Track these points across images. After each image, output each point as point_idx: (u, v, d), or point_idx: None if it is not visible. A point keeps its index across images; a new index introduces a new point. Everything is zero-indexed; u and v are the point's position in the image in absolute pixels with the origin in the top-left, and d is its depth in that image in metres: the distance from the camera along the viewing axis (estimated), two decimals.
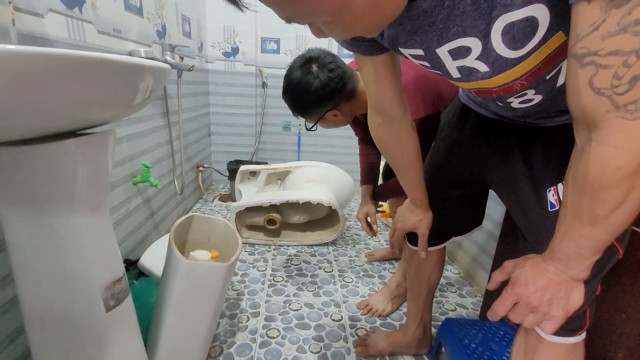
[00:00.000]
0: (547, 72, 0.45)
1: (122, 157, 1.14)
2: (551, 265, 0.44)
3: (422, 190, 0.74)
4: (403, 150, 0.70)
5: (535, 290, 0.43)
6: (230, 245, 0.89)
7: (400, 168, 0.73)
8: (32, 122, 0.40)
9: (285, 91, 0.98)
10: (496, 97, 0.53)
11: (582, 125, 0.37)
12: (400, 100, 0.64)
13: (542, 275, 0.44)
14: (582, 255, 0.41)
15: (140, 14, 1.22)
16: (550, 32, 0.39)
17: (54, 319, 0.55)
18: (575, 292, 0.43)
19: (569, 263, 0.42)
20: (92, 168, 0.53)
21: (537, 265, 0.45)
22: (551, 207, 0.53)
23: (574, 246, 0.41)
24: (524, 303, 0.44)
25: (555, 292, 0.43)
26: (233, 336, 1.00)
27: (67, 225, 0.51)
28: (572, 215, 0.40)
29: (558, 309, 0.43)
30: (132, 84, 0.48)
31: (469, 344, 0.83)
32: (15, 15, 0.67)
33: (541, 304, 0.43)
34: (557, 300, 0.43)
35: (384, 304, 1.15)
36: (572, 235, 0.40)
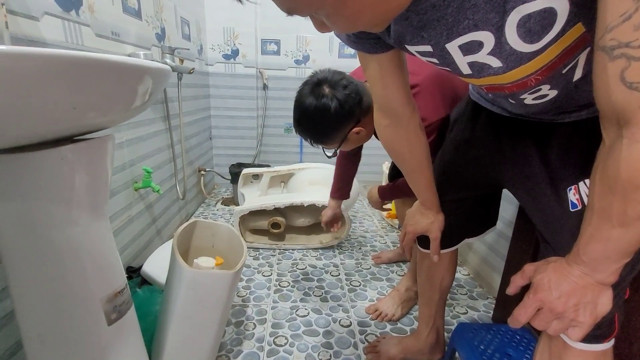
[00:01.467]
0: (563, 66, 0.42)
1: (122, 163, 1.11)
2: (576, 268, 0.41)
3: (432, 192, 0.71)
4: (412, 152, 0.67)
5: (559, 295, 0.41)
6: (235, 251, 0.87)
7: (409, 170, 0.71)
8: (24, 128, 0.38)
9: (299, 122, 0.88)
10: (508, 93, 0.50)
11: (611, 122, 0.34)
12: (407, 99, 0.61)
13: (566, 279, 0.41)
14: (611, 258, 0.38)
15: (138, 16, 1.20)
16: (569, 24, 0.36)
17: (53, 334, 0.52)
18: (603, 297, 0.40)
19: (595, 267, 0.39)
20: (91, 175, 0.50)
21: (560, 269, 0.42)
22: (572, 207, 0.51)
23: (602, 249, 0.38)
24: (548, 309, 0.42)
25: (581, 297, 0.40)
26: (240, 344, 0.98)
27: (65, 236, 0.48)
28: (600, 217, 0.37)
29: (585, 315, 0.40)
30: (131, 86, 0.45)
31: (484, 349, 0.80)
32: (10, 18, 0.65)
33: (567, 310, 0.41)
34: (583, 305, 0.40)
35: (393, 309, 1.12)
36: (600, 238, 0.38)
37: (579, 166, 0.50)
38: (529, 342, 0.83)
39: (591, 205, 0.38)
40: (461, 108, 0.74)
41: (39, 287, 0.49)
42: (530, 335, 0.85)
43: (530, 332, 0.87)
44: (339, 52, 2.31)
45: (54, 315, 0.51)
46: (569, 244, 0.42)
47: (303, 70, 2.32)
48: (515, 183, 0.63)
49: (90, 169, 0.50)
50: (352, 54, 2.30)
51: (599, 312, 0.41)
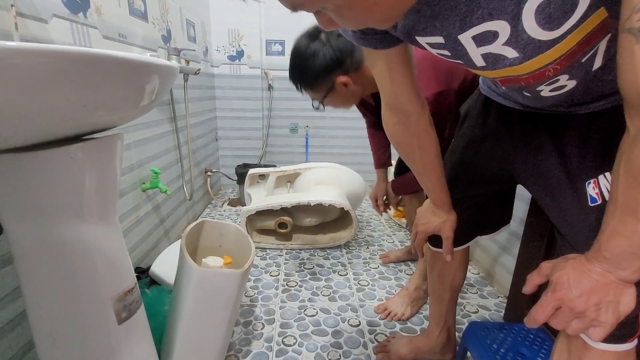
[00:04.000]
0: (583, 55, 0.41)
1: (130, 164, 1.12)
2: (597, 265, 0.39)
3: (443, 190, 0.70)
4: (422, 149, 0.65)
5: (580, 293, 0.39)
6: (243, 251, 0.86)
7: (419, 168, 0.69)
8: (34, 126, 0.38)
9: (291, 65, 0.93)
10: (524, 85, 0.48)
11: (637, 109, 0.33)
12: (416, 95, 0.60)
13: (586, 277, 0.40)
14: (636, 254, 0.37)
15: (145, 18, 1.21)
16: (591, 9, 0.34)
17: (64, 333, 0.52)
18: (625, 295, 0.39)
19: (618, 263, 0.38)
20: (100, 174, 0.50)
21: (580, 266, 0.41)
22: (592, 202, 0.49)
23: (626, 244, 0.36)
24: (567, 308, 0.40)
25: (603, 295, 0.39)
26: (248, 344, 0.97)
27: (75, 236, 0.48)
28: (624, 210, 0.35)
29: (607, 314, 0.39)
30: (140, 83, 0.45)
31: (497, 349, 0.79)
32: (19, 20, 0.66)
33: (588, 309, 0.39)
34: (605, 304, 0.39)
35: (403, 308, 1.10)
36: (624, 232, 0.36)
37: (598, 159, 0.48)
38: (543, 340, 0.81)
39: (614, 198, 0.37)
40: (471, 102, 0.72)
41: (50, 286, 0.49)
42: (544, 334, 0.84)
43: (544, 330, 0.85)
44: None
45: (65, 315, 0.51)
46: (589, 240, 0.41)
47: None
48: (529, 178, 0.62)
49: (100, 167, 0.50)
50: None
51: (622, 312, 0.39)
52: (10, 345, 0.65)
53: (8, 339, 0.65)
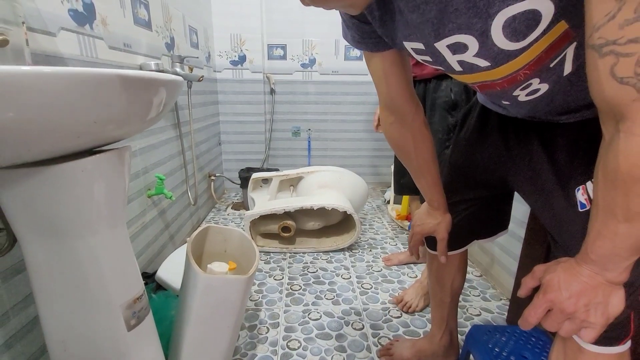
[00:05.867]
0: (550, 60, 0.43)
1: (136, 171, 1.14)
2: (585, 268, 0.40)
3: (439, 191, 0.71)
4: (417, 150, 0.68)
5: (569, 295, 0.40)
6: (247, 255, 0.88)
7: (414, 169, 0.71)
8: (48, 143, 0.39)
9: None
10: (499, 90, 0.50)
11: (608, 117, 0.35)
12: (411, 97, 0.63)
13: (576, 279, 0.41)
14: (620, 255, 0.38)
15: (149, 27, 1.23)
16: (553, 23, 0.38)
17: (75, 339, 0.54)
18: (614, 297, 0.40)
19: (605, 265, 0.39)
20: (110, 185, 0.52)
21: (570, 269, 0.42)
22: (581, 207, 0.50)
23: (610, 246, 0.38)
24: (558, 310, 0.41)
25: (592, 297, 0.40)
26: (253, 348, 0.99)
27: (86, 246, 0.50)
28: (605, 213, 0.37)
29: (596, 315, 0.40)
30: (147, 98, 0.47)
31: (499, 352, 0.79)
32: (29, 35, 0.68)
33: (577, 310, 0.40)
34: (594, 306, 0.40)
35: (416, 300, 1.16)
36: (607, 234, 0.37)
37: (586, 166, 0.49)
38: (544, 344, 0.82)
39: (596, 202, 0.38)
40: (469, 111, 0.74)
41: (62, 295, 0.51)
42: (546, 337, 0.84)
43: (546, 334, 0.85)
44: (345, 55, 2.32)
45: (77, 322, 0.53)
46: (580, 245, 0.42)
47: (309, 73, 2.34)
48: (523, 184, 0.63)
49: (109, 179, 0.51)
50: (359, 56, 2.31)
51: (611, 313, 0.40)
52: (24, 351, 0.67)
53: (21, 345, 0.67)
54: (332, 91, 2.39)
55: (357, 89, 2.38)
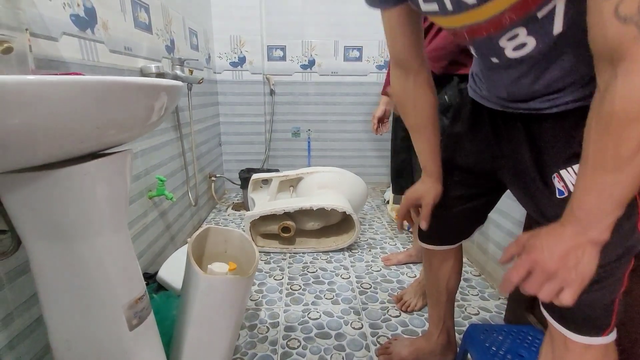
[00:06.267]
0: (537, 8, 0.43)
1: (137, 172, 1.15)
2: (569, 228, 0.41)
3: (433, 158, 0.72)
4: (415, 106, 0.69)
5: (551, 255, 0.41)
6: (247, 256, 0.89)
7: (412, 127, 0.72)
8: (52, 148, 0.41)
9: None
10: (487, 39, 0.50)
11: (605, 62, 0.36)
12: (416, 53, 0.64)
13: (559, 240, 0.42)
14: (604, 210, 0.39)
15: (149, 30, 1.24)
16: None
17: (79, 339, 0.55)
18: (594, 257, 0.41)
19: (589, 221, 0.40)
20: (112, 188, 0.53)
21: (553, 231, 0.43)
22: (559, 194, 0.52)
23: (596, 200, 0.39)
24: (540, 269, 0.42)
25: (573, 256, 0.41)
26: (254, 347, 1.00)
27: (89, 247, 0.51)
28: (594, 165, 0.38)
29: (577, 273, 0.41)
30: (148, 104, 0.48)
31: (496, 351, 0.80)
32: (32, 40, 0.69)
33: (559, 269, 0.41)
34: (575, 264, 0.41)
35: (415, 299, 1.17)
36: (594, 188, 0.39)
37: (564, 154, 0.51)
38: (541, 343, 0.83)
39: (585, 156, 0.39)
40: (460, 106, 0.75)
41: (66, 296, 0.52)
42: (542, 335, 0.85)
43: (543, 332, 0.86)
44: (344, 56, 2.33)
45: (80, 322, 0.54)
46: None
47: (309, 74, 2.35)
48: (509, 174, 0.64)
49: (111, 182, 0.53)
50: (357, 57, 2.32)
51: (589, 271, 0.41)
52: (28, 350, 0.69)
53: (25, 345, 0.68)
54: (332, 92, 2.40)
55: (356, 89, 2.39)
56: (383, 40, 2.29)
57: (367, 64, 2.34)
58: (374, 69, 2.35)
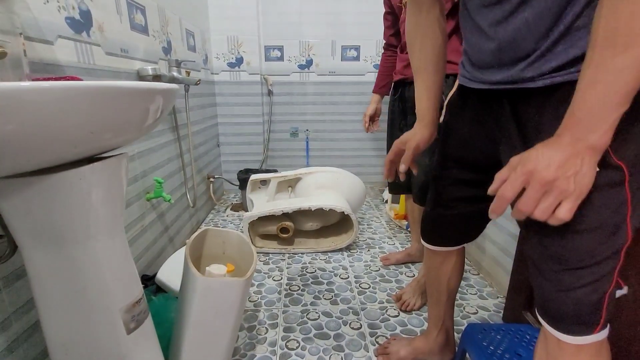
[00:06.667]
0: None
1: (134, 175, 1.15)
2: (567, 135, 0.40)
3: (427, 99, 0.71)
4: (422, 47, 0.68)
5: (549, 163, 0.39)
6: (245, 257, 0.89)
7: (415, 69, 0.71)
8: (46, 154, 0.41)
9: None
10: None
11: None
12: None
13: (556, 149, 0.39)
14: (609, 104, 0.37)
15: (145, 32, 1.24)
16: None
17: (76, 344, 0.55)
18: (593, 166, 0.39)
19: (590, 122, 0.38)
20: (108, 192, 0.53)
21: (549, 142, 0.41)
22: None
23: (601, 92, 0.37)
24: (536, 181, 0.39)
25: (572, 164, 0.38)
26: (253, 349, 1.00)
27: (85, 252, 0.51)
28: (603, 45, 0.36)
29: (575, 183, 0.39)
30: (143, 108, 0.48)
31: (494, 350, 0.81)
32: (27, 44, 0.69)
33: (558, 178, 0.38)
34: (573, 173, 0.38)
35: (414, 299, 1.18)
36: (600, 77, 0.37)
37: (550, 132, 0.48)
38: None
39: (594, 39, 0.38)
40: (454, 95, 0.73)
41: (63, 300, 0.52)
42: None
43: None
44: (341, 56, 2.33)
45: (77, 327, 0.54)
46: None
47: (307, 74, 2.35)
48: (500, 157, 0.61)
49: (107, 186, 0.53)
50: (355, 57, 2.32)
51: (586, 182, 0.39)
52: (25, 355, 0.69)
53: (23, 349, 0.68)
54: (330, 92, 2.40)
55: (354, 89, 2.39)
56: (380, 40, 2.29)
57: (364, 63, 2.34)
58: (372, 69, 2.35)
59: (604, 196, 0.44)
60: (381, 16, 1.39)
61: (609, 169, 0.43)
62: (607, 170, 0.43)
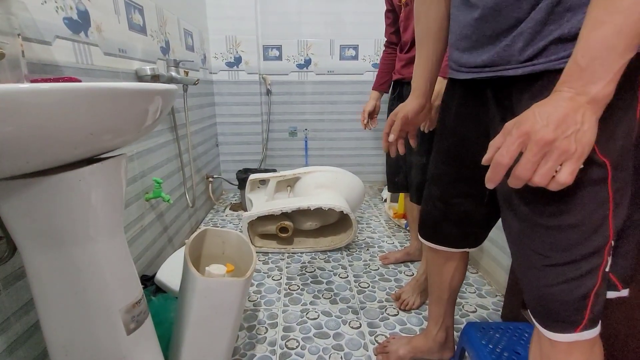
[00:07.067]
0: None
1: (133, 175, 1.15)
2: (565, 88, 0.37)
3: (424, 70, 0.71)
4: (427, 13, 0.68)
5: (547, 122, 0.36)
6: (245, 257, 0.89)
7: (419, 36, 0.71)
8: (46, 155, 0.41)
9: None
10: None
11: None
12: None
13: (554, 106, 0.36)
14: (615, 48, 0.34)
15: (144, 32, 1.24)
16: None
17: (76, 345, 0.55)
18: (594, 123, 0.36)
19: (594, 69, 0.35)
20: (107, 193, 0.53)
21: (546, 101, 0.38)
22: None
23: (609, 33, 0.34)
24: (534, 142, 0.36)
25: (572, 121, 0.35)
26: (252, 348, 1.00)
27: (85, 253, 0.51)
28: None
29: (576, 142, 0.35)
30: (142, 109, 0.48)
31: (493, 348, 0.81)
32: (25, 44, 0.69)
33: (557, 138, 0.35)
34: (574, 131, 0.35)
35: (413, 298, 1.18)
36: (606, 17, 0.34)
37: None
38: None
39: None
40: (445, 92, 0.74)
41: (63, 301, 0.52)
42: None
43: None
44: (340, 55, 2.32)
45: (77, 328, 0.54)
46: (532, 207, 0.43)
47: (305, 74, 2.35)
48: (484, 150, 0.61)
49: (107, 187, 0.53)
50: (353, 56, 2.32)
51: (588, 140, 0.36)
52: (26, 355, 0.69)
53: (23, 350, 0.68)
54: (328, 91, 2.40)
55: (352, 88, 2.39)
56: (379, 39, 2.30)
57: (363, 62, 2.34)
58: (370, 68, 2.35)
59: (586, 193, 0.44)
60: (380, 15, 1.39)
61: (593, 165, 0.43)
62: (591, 166, 0.43)
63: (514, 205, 0.52)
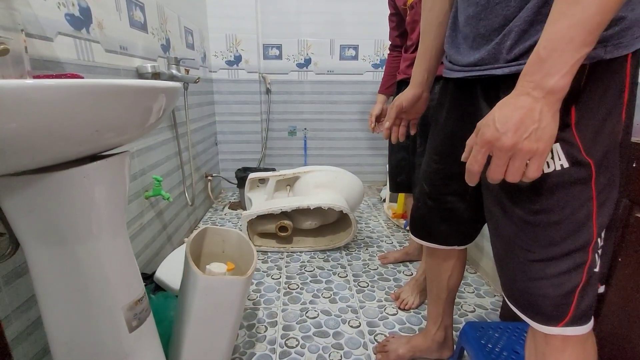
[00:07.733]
0: None
1: (133, 172, 1.14)
2: (527, 80, 0.38)
3: (423, 60, 0.72)
4: (433, 6, 0.69)
5: (505, 129, 0.38)
6: (245, 256, 0.89)
7: (423, 27, 0.72)
8: (52, 151, 0.40)
9: None
10: None
11: None
12: None
13: (510, 109, 0.39)
14: (574, 40, 0.36)
15: (144, 29, 1.23)
16: None
17: (78, 342, 0.55)
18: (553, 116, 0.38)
19: (553, 60, 0.36)
20: (111, 190, 0.53)
21: (502, 103, 0.40)
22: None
23: (568, 25, 0.36)
24: (498, 149, 0.39)
25: (530, 121, 0.37)
26: (252, 347, 1.00)
27: (88, 250, 0.51)
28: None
29: (537, 139, 0.38)
30: (146, 106, 0.48)
31: (492, 347, 0.82)
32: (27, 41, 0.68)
33: (518, 141, 0.38)
34: (534, 130, 0.37)
35: (412, 297, 1.18)
36: (568, 11, 0.36)
37: None
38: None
39: None
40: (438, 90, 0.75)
41: (65, 299, 0.52)
42: None
43: None
44: (340, 55, 2.33)
45: (80, 324, 0.54)
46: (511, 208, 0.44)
47: (305, 73, 2.35)
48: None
49: (110, 184, 0.53)
50: (353, 56, 2.32)
51: (549, 133, 0.38)
52: (26, 352, 0.68)
53: (23, 347, 0.68)
54: (328, 90, 2.40)
55: (352, 88, 2.39)
56: (379, 39, 2.30)
57: (363, 62, 2.35)
58: (370, 68, 2.35)
59: (569, 191, 0.45)
60: (380, 16, 1.40)
61: (578, 165, 0.44)
62: (576, 166, 0.44)
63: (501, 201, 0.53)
